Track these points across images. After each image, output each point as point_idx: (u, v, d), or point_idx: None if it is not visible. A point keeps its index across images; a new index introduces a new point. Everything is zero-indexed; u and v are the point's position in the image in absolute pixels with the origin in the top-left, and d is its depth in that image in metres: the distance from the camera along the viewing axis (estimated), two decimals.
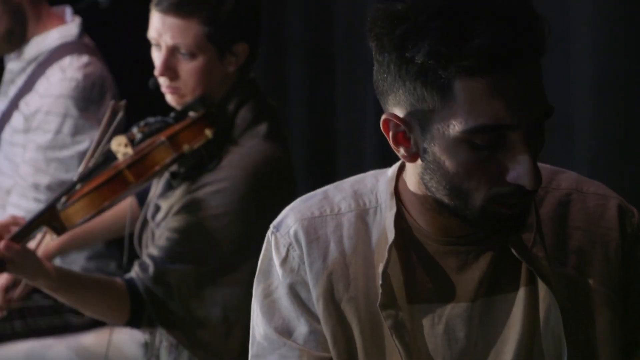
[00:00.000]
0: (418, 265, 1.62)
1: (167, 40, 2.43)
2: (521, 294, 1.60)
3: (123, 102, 2.47)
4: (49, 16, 3.15)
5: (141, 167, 2.37)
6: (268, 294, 1.68)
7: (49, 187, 2.97)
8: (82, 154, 2.97)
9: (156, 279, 2.39)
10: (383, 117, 1.55)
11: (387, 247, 1.60)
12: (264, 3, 2.63)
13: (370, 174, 1.68)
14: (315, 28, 3.51)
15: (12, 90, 3.16)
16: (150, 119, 2.45)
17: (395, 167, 1.65)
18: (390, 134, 1.55)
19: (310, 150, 3.55)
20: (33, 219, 2.33)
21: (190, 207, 2.41)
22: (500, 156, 1.51)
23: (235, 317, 2.41)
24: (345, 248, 1.64)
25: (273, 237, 1.68)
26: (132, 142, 2.40)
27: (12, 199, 3.02)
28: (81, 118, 3.03)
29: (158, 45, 2.46)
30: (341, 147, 3.49)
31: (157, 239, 2.45)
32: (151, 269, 2.40)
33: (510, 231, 1.57)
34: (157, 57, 2.46)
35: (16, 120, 3.12)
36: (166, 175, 2.51)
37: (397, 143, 1.56)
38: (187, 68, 2.43)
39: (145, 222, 2.55)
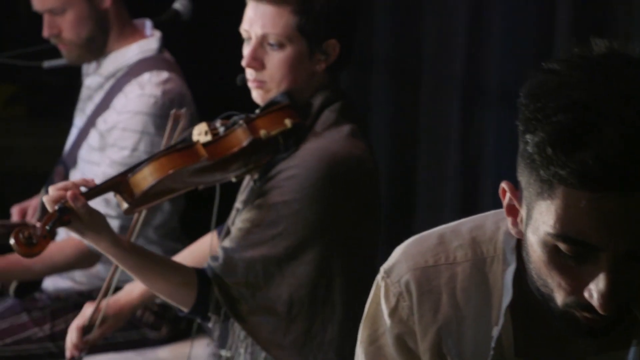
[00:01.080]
0: (532, 326, 1.53)
1: (256, 30, 2.36)
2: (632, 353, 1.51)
3: (183, 111, 2.41)
4: (131, 30, 3.09)
5: (216, 146, 2.31)
6: (374, 340, 1.61)
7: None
8: None
9: (225, 266, 2.34)
10: (501, 185, 1.49)
11: (504, 309, 1.50)
12: None
13: (491, 217, 1.57)
14: (402, 44, 3.47)
15: (90, 107, 3.11)
16: (235, 114, 2.38)
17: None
18: (505, 202, 1.49)
19: (393, 165, 3.52)
20: (102, 183, 2.30)
21: (261, 195, 2.36)
22: (584, 269, 1.40)
23: (298, 309, 2.36)
24: (458, 301, 1.55)
25: (383, 283, 1.59)
26: (213, 132, 2.34)
27: None
28: (158, 136, 2.95)
29: (249, 39, 2.39)
30: (423, 163, 3.45)
31: (231, 232, 2.41)
32: (221, 257, 2.36)
33: (592, 338, 1.46)
34: (247, 50, 2.40)
35: (93, 137, 3.06)
36: (251, 183, 2.45)
37: (508, 213, 1.49)
38: (275, 59, 2.36)
39: (228, 232, 2.49)
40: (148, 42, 3.09)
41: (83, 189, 2.28)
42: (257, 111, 2.40)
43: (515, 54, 3.16)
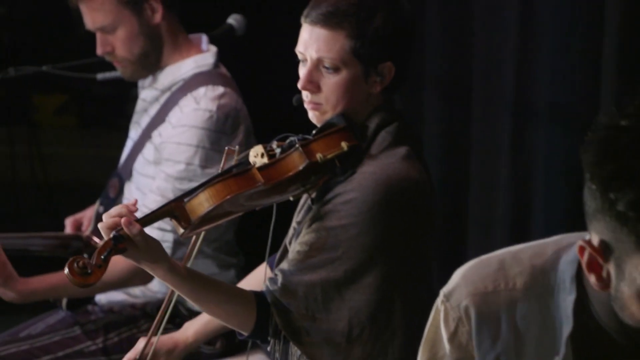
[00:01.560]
0: (592, 357, 1.53)
1: (312, 53, 2.36)
2: None
3: (236, 149, 2.40)
4: (186, 44, 3.09)
5: (272, 171, 2.30)
6: None
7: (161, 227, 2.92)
8: None
9: (284, 290, 2.33)
10: (579, 242, 1.48)
11: (564, 338, 1.50)
12: None
13: (551, 246, 1.58)
14: (453, 62, 3.46)
15: (145, 120, 3.11)
16: (291, 135, 2.37)
17: (575, 247, 1.54)
18: (585, 259, 1.49)
19: (444, 182, 3.50)
20: (158, 208, 2.29)
21: (320, 219, 2.35)
22: None
23: (358, 333, 2.34)
24: (518, 329, 1.55)
25: (443, 307, 1.60)
26: (269, 154, 2.33)
27: None
28: (212, 150, 2.96)
29: (304, 61, 2.39)
30: (475, 180, 3.43)
31: (289, 255, 2.40)
32: (280, 280, 2.34)
33: None
34: (302, 72, 2.39)
35: (148, 150, 3.07)
36: (308, 202, 2.44)
37: (590, 270, 1.49)
38: (330, 82, 2.36)
39: (285, 251, 2.49)
40: (204, 57, 3.09)
41: (138, 214, 2.26)
42: (314, 133, 2.39)
43: (565, 72, 3.15)
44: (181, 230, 2.29)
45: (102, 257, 2.18)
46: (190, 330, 2.61)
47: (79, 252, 3.15)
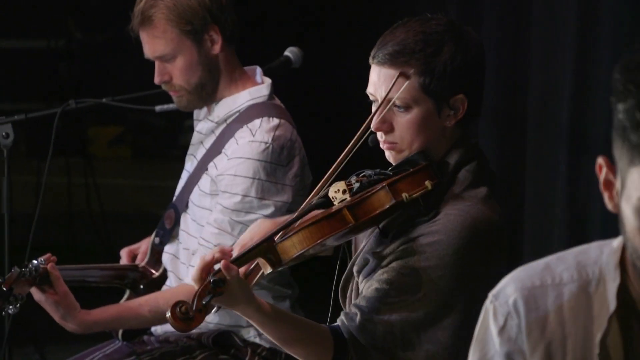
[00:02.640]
0: (636, 342, 1.55)
1: (382, 93, 2.34)
2: None
3: (412, 71, 2.31)
4: (242, 76, 3.08)
5: (360, 210, 2.28)
6: None
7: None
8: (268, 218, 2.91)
9: (362, 328, 2.31)
10: (599, 159, 1.54)
11: (608, 317, 1.54)
12: None
13: (594, 245, 1.63)
14: (509, 93, 3.45)
15: (201, 152, 3.10)
16: (368, 171, 2.37)
17: (620, 238, 1.59)
18: (601, 177, 1.55)
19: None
20: (250, 249, 2.28)
21: (402, 258, 2.32)
22: None
23: None
24: (565, 319, 1.58)
25: (491, 306, 1.63)
26: (350, 190, 2.33)
27: (195, 260, 2.96)
28: (268, 182, 2.94)
29: (375, 101, 2.37)
30: (530, 213, 3.41)
31: (365, 290, 2.37)
32: (358, 318, 2.32)
33: None
34: (374, 112, 2.37)
35: (204, 182, 3.05)
36: (376, 231, 2.41)
37: (604, 188, 1.55)
38: (402, 121, 2.33)
39: (350, 277, 2.46)
40: (259, 89, 3.08)
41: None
42: (391, 169, 2.36)
43: None
44: (269, 270, 2.30)
45: (204, 302, 2.20)
46: None
47: (135, 283, 3.17)
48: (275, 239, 2.29)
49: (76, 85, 5.14)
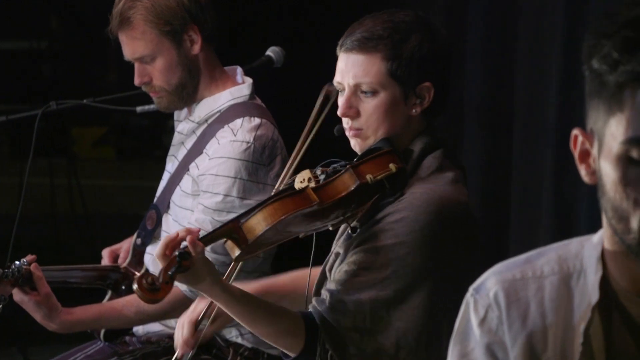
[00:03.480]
0: (621, 329, 1.54)
1: (349, 80, 2.36)
2: None
3: (334, 86, 2.41)
4: (222, 76, 3.05)
5: (325, 191, 2.30)
6: (464, 355, 1.63)
7: (214, 249, 2.88)
8: None
9: (332, 309, 2.31)
10: (574, 131, 1.53)
11: (591, 308, 1.53)
12: None
13: (575, 240, 1.61)
14: (494, 90, 3.44)
15: (182, 153, 3.07)
16: (334, 161, 2.37)
17: (601, 232, 1.57)
18: (577, 150, 1.54)
19: (485, 212, 3.47)
20: (215, 229, 2.30)
21: (369, 238, 2.33)
22: None
23: (405, 354, 2.32)
24: (546, 310, 1.58)
25: (472, 299, 1.62)
26: (316, 180, 2.33)
27: None
28: (250, 181, 2.91)
29: (342, 90, 2.38)
30: (516, 210, 3.40)
31: (335, 275, 2.37)
32: (328, 299, 2.32)
33: None
34: (341, 100, 2.39)
35: (185, 183, 3.02)
36: (347, 231, 2.41)
37: (580, 161, 1.53)
38: (369, 106, 2.35)
39: (323, 279, 2.46)
40: (240, 89, 3.05)
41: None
42: (357, 158, 2.36)
43: None
44: (237, 252, 2.30)
45: (169, 273, 2.22)
46: (247, 288, 2.57)
47: (117, 284, 3.14)
48: (241, 220, 2.29)
49: (59, 86, 5.11)
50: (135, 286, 2.21)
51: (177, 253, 2.23)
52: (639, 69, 1.42)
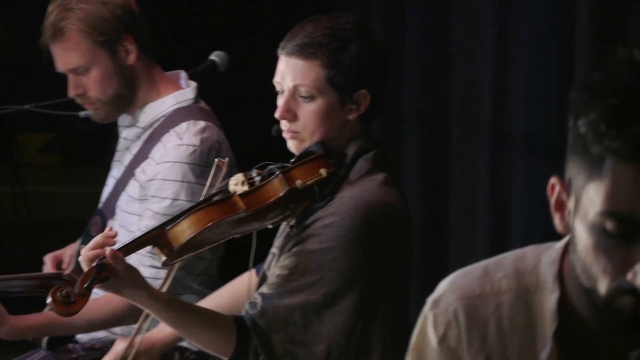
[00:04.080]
0: (579, 354, 1.54)
1: (288, 82, 2.39)
2: None
3: (226, 160, 2.45)
4: (163, 82, 3.04)
5: (253, 197, 2.31)
6: None
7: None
8: None
9: (263, 314, 2.33)
10: (551, 179, 1.51)
11: (550, 335, 1.52)
12: None
13: (531, 249, 1.61)
14: (431, 94, 3.48)
15: (128, 158, 3.06)
16: (270, 164, 2.40)
17: (560, 245, 1.58)
18: (553, 199, 1.53)
19: (424, 213, 3.50)
20: (140, 236, 2.30)
21: (299, 243, 2.36)
22: (630, 250, 1.42)
23: (336, 356, 2.35)
24: (505, 330, 1.56)
25: (431, 314, 1.60)
26: (250, 182, 2.35)
27: None
28: (198, 184, 2.90)
29: (281, 92, 2.42)
30: (454, 210, 3.44)
31: (268, 279, 2.40)
32: (260, 303, 2.34)
33: (633, 331, 1.46)
34: (279, 102, 2.42)
35: (132, 188, 3.00)
36: (287, 229, 2.43)
37: (555, 209, 1.52)
38: (307, 110, 2.38)
39: (264, 278, 2.48)
40: (184, 93, 3.05)
41: (118, 244, 2.25)
42: (292, 161, 2.39)
43: (541, 103, 3.17)
44: (163, 258, 2.29)
45: (85, 285, 2.21)
46: (168, 329, 2.57)
47: None
48: (167, 227, 2.29)
49: (3, 91, 5.05)
50: (49, 299, 2.18)
51: (94, 264, 2.21)
52: (624, 146, 1.40)
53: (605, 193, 1.42)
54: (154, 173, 2.95)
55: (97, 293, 3.04)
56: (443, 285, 1.63)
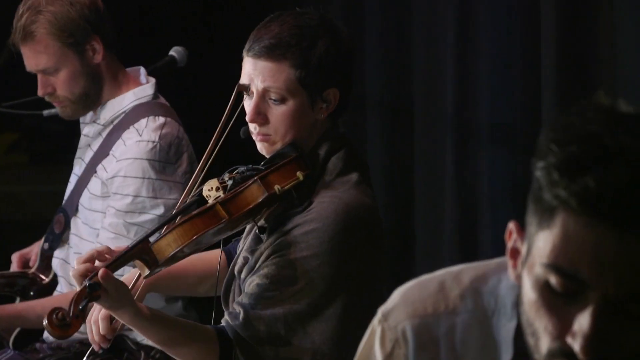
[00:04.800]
0: None
1: (257, 84, 2.33)
2: None
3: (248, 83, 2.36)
4: (125, 79, 3.03)
5: (233, 205, 2.27)
6: None
7: None
8: (161, 217, 2.86)
9: (246, 325, 2.29)
10: (510, 224, 1.42)
11: None
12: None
13: (493, 268, 1.50)
14: (394, 86, 3.46)
15: (89, 155, 3.04)
16: (241, 167, 2.36)
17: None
18: (509, 244, 1.43)
19: (389, 207, 3.48)
20: (125, 252, 2.27)
21: (280, 251, 2.31)
22: (572, 310, 1.33)
23: None
24: (457, 353, 1.47)
25: (379, 327, 1.52)
26: (224, 187, 2.32)
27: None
28: (159, 180, 2.89)
29: (250, 94, 2.36)
30: (420, 203, 3.42)
31: (246, 287, 2.34)
32: (241, 315, 2.29)
33: None
34: (248, 105, 2.37)
35: (93, 185, 2.99)
36: (255, 230, 2.40)
37: (510, 256, 1.43)
38: (277, 113, 2.33)
39: (232, 279, 2.43)
40: (143, 89, 3.03)
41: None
42: (264, 163, 2.35)
43: (505, 91, 3.16)
44: (147, 272, 2.27)
45: (80, 307, 2.19)
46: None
47: (25, 290, 3.10)
48: (151, 240, 2.26)
49: None
50: (45, 322, 2.17)
51: (86, 284, 2.20)
52: (574, 198, 1.31)
53: (553, 245, 1.33)
54: (115, 170, 2.94)
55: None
56: (396, 296, 1.53)
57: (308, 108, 2.35)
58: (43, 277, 3.11)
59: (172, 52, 3.25)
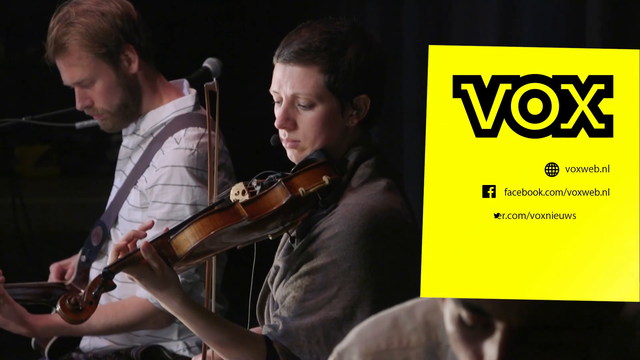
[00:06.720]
0: None
1: (287, 90, 2.31)
2: None
3: (214, 81, 2.38)
4: (165, 89, 3.01)
5: (255, 205, 2.25)
6: None
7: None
8: None
9: (286, 337, 2.28)
10: None
11: None
12: None
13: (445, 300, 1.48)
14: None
15: (129, 167, 3.02)
16: (270, 173, 2.33)
17: None
18: None
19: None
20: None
21: (310, 260, 2.29)
22: (484, 344, 1.33)
23: None
24: None
25: None
26: (250, 192, 2.30)
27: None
28: (198, 187, 2.87)
29: (279, 101, 2.34)
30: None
31: (282, 299, 2.33)
32: (281, 327, 2.28)
33: None
34: (277, 111, 2.34)
35: (133, 197, 2.97)
36: (288, 241, 2.37)
37: None
38: (307, 119, 2.31)
39: (267, 292, 2.41)
40: (183, 100, 3.01)
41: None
42: (293, 169, 2.33)
43: None
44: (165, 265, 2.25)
45: (93, 293, 2.21)
46: None
47: None
48: (170, 237, 2.26)
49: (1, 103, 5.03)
50: (58, 307, 2.20)
51: (101, 273, 2.21)
52: None
53: None
54: (154, 179, 2.92)
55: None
56: (351, 335, 1.53)
57: (338, 114, 2.32)
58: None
59: (206, 64, 3.23)
